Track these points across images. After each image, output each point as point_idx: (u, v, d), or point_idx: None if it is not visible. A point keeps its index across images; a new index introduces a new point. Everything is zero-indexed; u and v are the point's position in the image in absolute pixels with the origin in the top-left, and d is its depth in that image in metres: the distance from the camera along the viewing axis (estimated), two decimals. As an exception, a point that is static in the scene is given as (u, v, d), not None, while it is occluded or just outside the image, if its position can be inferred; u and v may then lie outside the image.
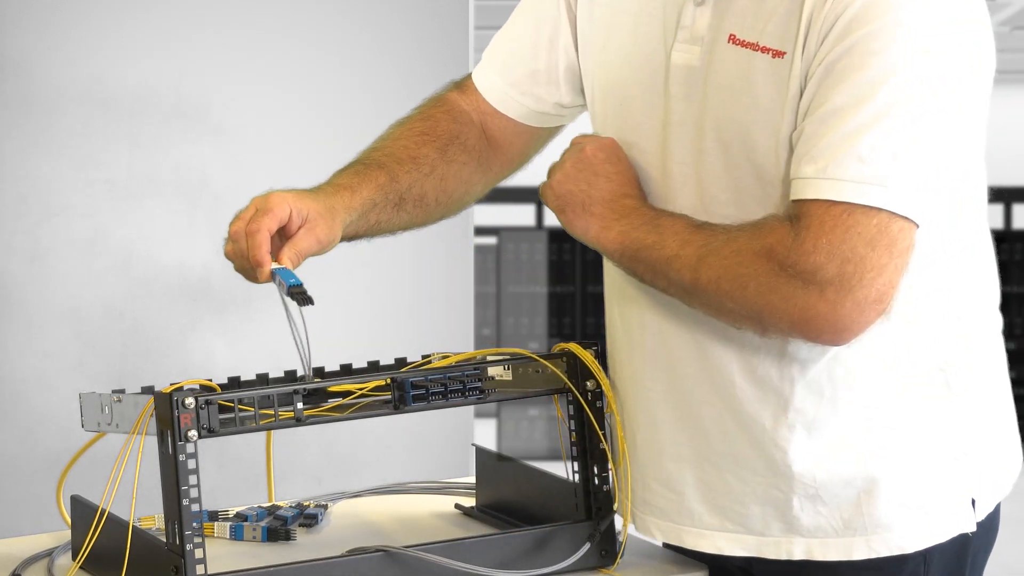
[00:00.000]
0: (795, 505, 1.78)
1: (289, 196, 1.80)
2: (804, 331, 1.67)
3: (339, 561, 1.75)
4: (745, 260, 1.68)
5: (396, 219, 1.94)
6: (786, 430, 1.77)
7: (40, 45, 3.36)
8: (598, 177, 1.80)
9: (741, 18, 1.73)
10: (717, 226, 1.73)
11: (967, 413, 1.81)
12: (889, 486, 1.77)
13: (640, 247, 1.75)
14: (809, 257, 1.63)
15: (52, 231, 3.40)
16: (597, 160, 1.81)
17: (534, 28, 1.98)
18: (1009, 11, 9.08)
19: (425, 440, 3.69)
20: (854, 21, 1.64)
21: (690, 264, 1.71)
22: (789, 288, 1.65)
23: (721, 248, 1.70)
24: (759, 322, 1.70)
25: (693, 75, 1.77)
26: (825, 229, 1.63)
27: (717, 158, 1.75)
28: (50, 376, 3.41)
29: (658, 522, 1.86)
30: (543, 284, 7.76)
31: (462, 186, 2.00)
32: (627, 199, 1.79)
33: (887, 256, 1.63)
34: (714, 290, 1.70)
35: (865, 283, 1.63)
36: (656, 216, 1.77)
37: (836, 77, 1.65)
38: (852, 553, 1.78)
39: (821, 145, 1.64)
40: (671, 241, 1.73)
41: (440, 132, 1.98)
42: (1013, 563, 5.40)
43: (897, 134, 1.63)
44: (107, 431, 1.80)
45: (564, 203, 1.82)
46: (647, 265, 1.76)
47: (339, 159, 1.95)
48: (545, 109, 2.00)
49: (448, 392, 1.79)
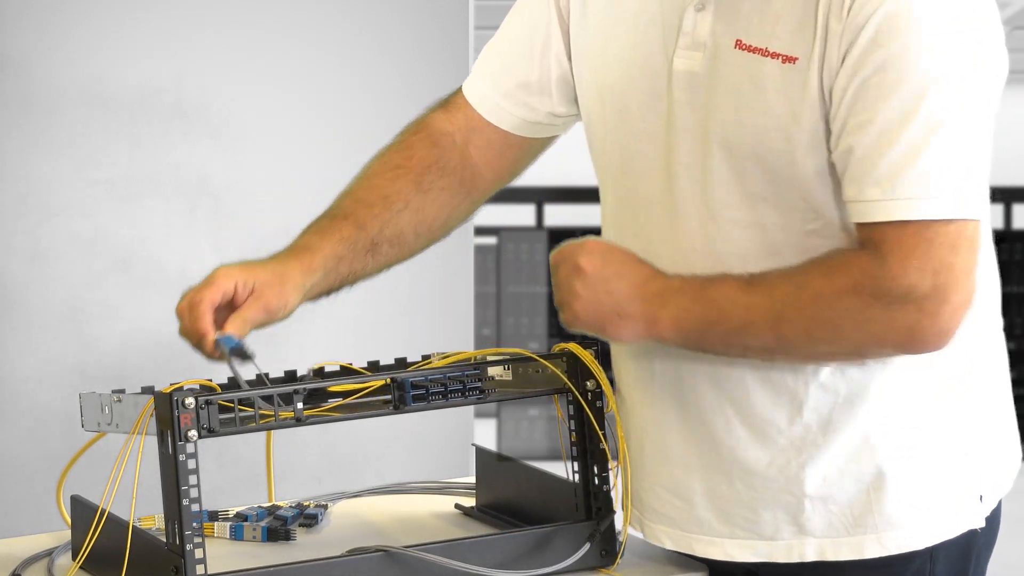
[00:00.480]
0: (807, 507, 1.78)
1: (235, 269, 1.82)
2: (910, 348, 1.70)
3: (339, 561, 1.75)
4: (831, 302, 1.68)
5: (373, 263, 1.94)
6: (801, 430, 1.77)
7: (40, 45, 3.36)
8: (611, 281, 1.77)
9: (747, 23, 1.73)
10: (769, 276, 1.72)
11: (975, 409, 1.82)
12: (900, 483, 1.77)
13: (703, 327, 1.74)
14: (901, 280, 1.66)
15: (52, 231, 3.40)
16: (597, 267, 1.78)
17: (526, 37, 1.96)
18: (1009, 11, 9.08)
19: (425, 440, 3.69)
20: (881, 33, 1.65)
21: (768, 325, 1.70)
22: (888, 314, 1.67)
23: (795, 299, 1.69)
24: (859, 355, 1.73)
25: (696, 81, 1.76)
26: (907, 249, 1.66)
27: (725, 163, 1.75)
28: (50, 376, 3.41)
29: (668, 530, 1.86)
30: (543, 284, 7.75)
31: (443, 212, 1.99)
32: (652, 283, 1.76)
33: (970, 257, 1.67)
34: (804, 341, 1.71)
35: (958, 288, 1.66)
36: (699, 289, 1.74)
37: (876, 93, 1.66)
38: (863, 551, 1.78)
39: (881, 166, 1.66)
40: (734, 311, 1.72)
41: (415, 162, 1.97)
42: (1013, 562, 5.40)
43: (951, 141, 1.65)
44: (107, 431, 1.80)
45: (600, 321, 1.78)
46: (716, 341, 1.74)
47: (339, 159, 1.96)
48: (538, 119, 1.98)
49: (448, 392, 1.79)
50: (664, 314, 1.74)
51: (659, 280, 1.76)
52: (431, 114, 2.02)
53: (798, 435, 1.78)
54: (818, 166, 1.72)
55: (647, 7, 1.82)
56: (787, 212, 1.74)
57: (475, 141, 2.00)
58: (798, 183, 1.73)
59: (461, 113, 2.00)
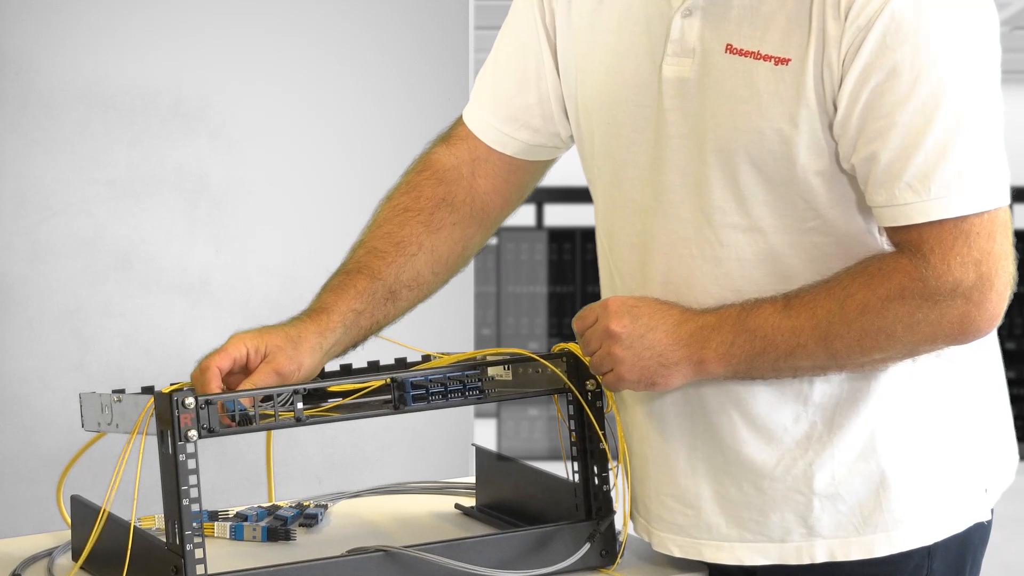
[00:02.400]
0: (816, 506, 1.78)
1: (248, 335, 1.83)
2: (963, 339, 1.72)
3: (339, 561, 1.75)
4: (879, 311, 1.70)
5: (395, 310, 1.94)
6: (807, 427, 1.78)
7: (40, 45, 3.36)
8: (647, 336, 1.77)
9: (737, 27, 1.73)
10: (806, 295, 1.73)
11: (977, 402, 1.84)
12: (908, 479, 1.78)
13: (751, 359, 1.74)
14: (947, 277, 1.68)
15: (52, 231, 3.40)
16: (629, 326, 1.77)
17: (519, 61, 1.96)
18: (1009, 11, 9.08)
19: (425, 440, 3.69)
20: (889, 35, 1.66)
21: (818, 345, 1.72)
22: (938, 312, 1.69)
23: (841, 314, 1.70)
24: (912, 354, 1.75)
25: (687, 87, 1.76)
26: (948, 246, 1.68)
27: (719, 168, 1.75)
28: (50, 376, 3.41)
29: (675, 538, 1.86)
30: (543, 284, 7.75)
31: (458, 246, 1.99)
32: (686, 324, 1.76)
33: (1005, 241, 1.70)
34: (857, 352, 1.72)
35: (1001, 272, 1.70)
36: (738, 320, 1.74)
37: (893, 97, 1.67)
38: (874, 550, 1.78)
39: (911, 168, 1.67)
40: (779, 337, 1.72)
41: (424, 202, 1.97)
42: (1012, 561, 5.40)
43: (974, 133, 1.68)
44: (107, 431, 1.80)
45: (648, 377, 1.78)
46: (767, 368, 1.75)
47: (339, 159, 1.96)
48: (542, 141, 1.98)
49: (448, 392, 1.79)
50: (708, 353, 1.75)
51: (692, 320, 1.76)
52: (433, 150, 2.02)
53: (804, 434, 1.78)
54: (819, 166, 1.72)
55: (632, 17, 1.82)
56: (784, 213, 1.75)
57: (481, 171, 2.00)
58: (797, 184, 1.73)
59: (464, 144, 2.00)
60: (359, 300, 1.90)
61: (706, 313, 1.76)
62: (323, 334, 1.86)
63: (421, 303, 1.98)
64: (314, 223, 3.51)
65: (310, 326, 1.86)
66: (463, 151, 2.00)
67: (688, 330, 1.76)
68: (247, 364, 1.82)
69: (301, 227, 3.53)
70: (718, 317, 1.75)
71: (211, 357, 1.81)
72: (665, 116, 1.78)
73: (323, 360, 1.87)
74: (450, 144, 2.01)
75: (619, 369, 1.78)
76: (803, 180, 1.73)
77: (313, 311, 1.89)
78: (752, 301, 1.75)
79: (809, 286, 1.74)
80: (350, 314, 1.89)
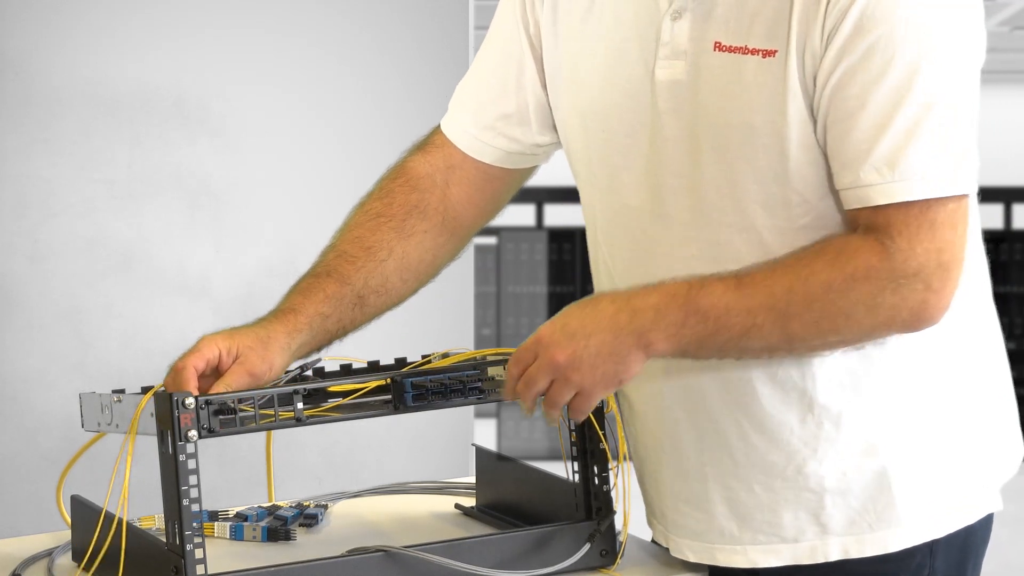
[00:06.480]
0: (827, 503, 1.78)
1: (218, 336, 1.83)
2: (915, 326, 1.70)
3: (339, 561, 1.75)
4: (842, 291, 1.67)
5: (362, 315, 1.94)
6: (814, 427, 1.78)
7: (40, 45, 3.36)
8: (588, 345, 1.71)
9: (724, 24, 1.74)
10: (760, 273, 1.70)
11: (982, 391, 1.84)
12: (919, 473, 1.79)
13: (700, 340, 1.70)
14: (912, 261, 1.67)
15: (52, 231, 3.40)
16: (568, 348, 1.71)
17: (500, 69, 1.96)
18: (1009, 11, 9.08)
19: (425, 440, 3.69)
20: (866, 18, 1.66)
21: (774, 325, 1.68)
22: (899, 295, 1.67)
23: (803, 292, 1.68)
24: (865, 340, 1.73)
25: (680, 89, 1.77)
26: (913, 230, 1.67)
27: (714, 166, 1.75)
28: (50, 376, 3.41)
29: (690, 543, 1.86)
30: (543, 284, 7.76)
31: (428, 254, 1.98)
32: (621, 313, 1.71)
33: (963, 231, 1.70)
34: (813, 334, 1.70)
35: (958, 262, 1.69)
36: (686, 300, 1.69)
37: (865, 77, 1.66)
38: (888, 546, 1.78)
39: (878, 150, 1.67)
40: (732, 319, 1.68)
41: (396, 208, 1.97)
42: (1012, 561, 5.40)
43: (944, 119, 1.67)
44: (107, 431, 1.80)
45: (612, 378, 1.72)
46: (713, 350, 1.72)
47: (339, 159, 1.96)
48: (519, 150, 1.98)
49: (448, 392, 1.79)
50: (655, 336, 1.70)
51: (629, 303, 1.71)
52: (409, 158, 2.02)
53: (811, 432, 1.78)
54: (810, 156, 1.72)
55: (620, 24, 1.82)
56: (779, 211, 1.74)
57: (455, 179, 1.99)
58: (792, 177, 1.73)
59: (440, 152, 2.00)
60: (327, 304, 1.90)
61: (647, 292, 1.71)
62: (291, 335, 1.86)
63: (389, 310, 1.98)
64: (314, 223, 3.50)
65: (278, 327, 1.86)
66: (438, 159, 2.00)
67: (626, 316, 1.71)
68: (219, 365, 1.82)
69: (301, 227, 3.53)
70: (662, 295, 1.70)
71: (186, 358, 1.81)
72: (660, 119, 1.78)
73: (291, 360, 1.87)
74: (426, 152, 2.01)
75: (583, 391, 1.73)
76: (799, 171, 1.72)
77: (281, 311, 1.89)
78: (700, 277, 1.71)
79: (764, 263, 1.71)
80: (317, 317, 1.89)
